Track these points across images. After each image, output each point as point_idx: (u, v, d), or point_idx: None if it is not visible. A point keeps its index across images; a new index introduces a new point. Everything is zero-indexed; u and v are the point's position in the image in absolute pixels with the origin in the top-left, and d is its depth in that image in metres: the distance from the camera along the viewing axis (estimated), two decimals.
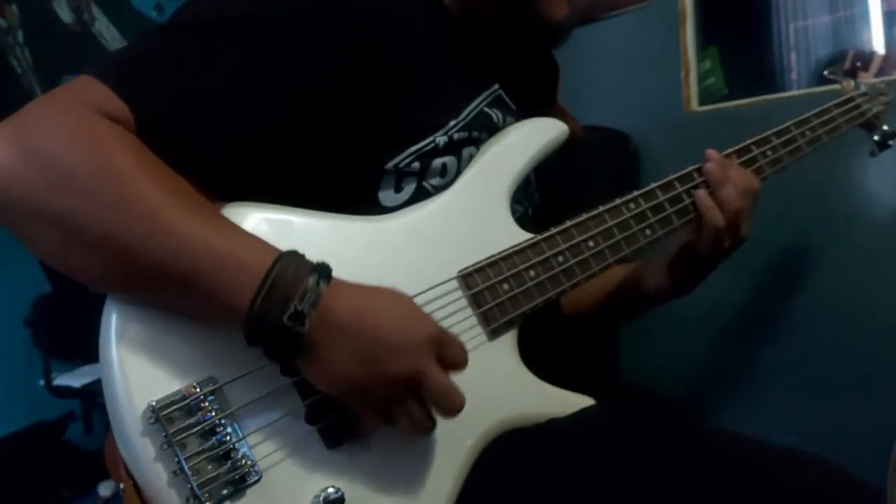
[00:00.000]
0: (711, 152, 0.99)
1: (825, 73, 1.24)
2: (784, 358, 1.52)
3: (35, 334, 2.84)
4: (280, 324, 0.65)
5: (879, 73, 1.40)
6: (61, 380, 2.75)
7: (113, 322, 0.70)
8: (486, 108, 0.93)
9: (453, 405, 0.72)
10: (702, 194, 0.97)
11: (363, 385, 0.69)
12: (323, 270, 0.68)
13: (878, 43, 1.44)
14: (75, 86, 0.73)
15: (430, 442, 0.78)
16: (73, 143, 0.67)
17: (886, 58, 1.42)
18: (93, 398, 2.74)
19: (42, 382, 2.75)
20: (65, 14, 2.94)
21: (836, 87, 1.22)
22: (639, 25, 1.73)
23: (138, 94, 0.72)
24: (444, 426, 0.78)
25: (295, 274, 0.66)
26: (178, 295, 0.69)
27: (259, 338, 0.67)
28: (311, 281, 0.66)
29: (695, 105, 1.66)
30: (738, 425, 0.85)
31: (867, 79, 1.24)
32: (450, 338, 0.74)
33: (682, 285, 1.06)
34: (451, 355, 0.73)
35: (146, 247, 0.66)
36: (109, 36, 3.03)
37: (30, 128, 0.68)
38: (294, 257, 0.68)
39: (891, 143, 1.21)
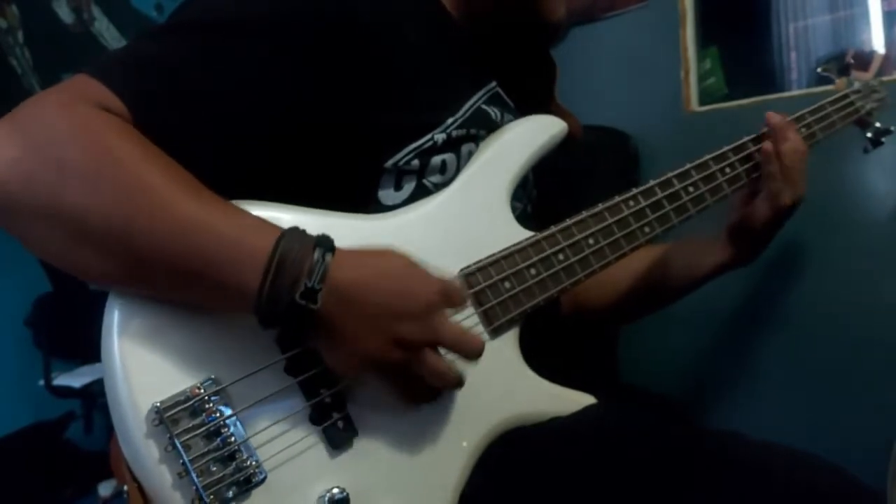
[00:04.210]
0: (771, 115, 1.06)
1: (819, 70, 1.25)
2: (783, 357, 1.52)
3: (35, 334, 2.83)
4: (293, 302, 0.65)
5: (879, 73, 1.40)
6: (61, 380, 2.74)
7: (115, 323, 0.69)
8: (483, 106, 0.93)
9: (473, 347, 0.74)
10: (768, 146, 1.04)
11: (380, 353, 0.70)
12: (326, 243, 0.68)
13: (878, 43, 1.44)
14: (72, 83, 0.72)
15: (434, 441, 0.79)
16: (72, 136, 0.67)
17: (886, 57, 1.42)
18: (93, 398, 2.74)
19: (42, 382, 2.74)
20: (65, 14, 2.93)
21: (829, 86, 1.22)
22: (639, 25, 1.73)
23: (134, 92, 0.72)
24: (447, 425, 0.79)
25: (300, 249, 0.67)
26: (185, 282, 0.69)
27: (272, 318, 0.67)
28: (317, 255, 0.67)
29: (695, 105, 1.66)
30: (737, 425, 0.85)
31: (861, 76, 1.24)
32: (451, 286, 0.75)
33: (746, 254, 1.10)
34: (456, 301, 0.75)
35: (151, 234, 0.66)
36: (109, 36, 3.02)
37: (28, 123, 0.68)
38: (296, 233, 0.69)
39: (884, 140, 1.22)
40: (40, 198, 0.66)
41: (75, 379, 2.71)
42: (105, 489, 2.47)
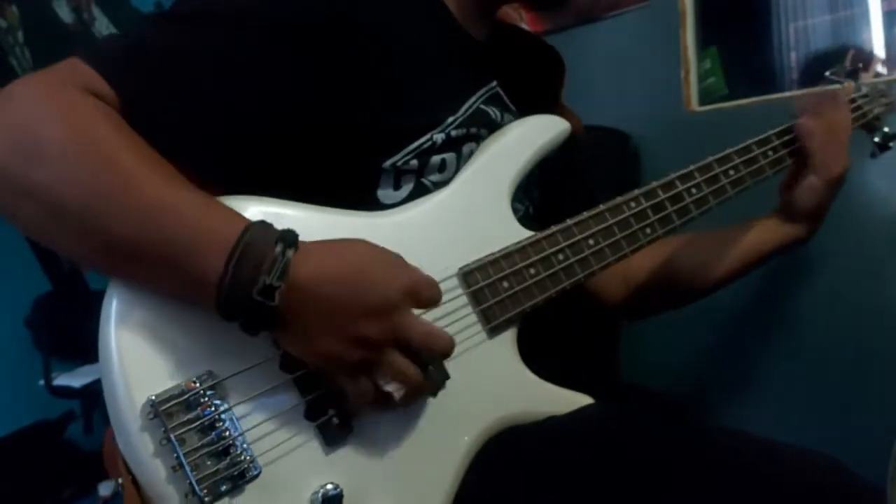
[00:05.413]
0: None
1: (827, 73, 1.24)
2: (784, 357, 1.52)
3: (35, 334, 2.82)
4: (250, 298, 0.65)
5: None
6: (61, 380, 2.74)
7: (112, 315, 0.69)
8: (482, 105, 0.93)
9: (441, 345, 0.72)
10: (802, 123, 1.07)
11: (339, 351, 0.69)
12: (289, 238, 0.67)
13: (878, 43, 1.43)
14: (63, 66, 0.73)
15: (429, 439, 0.78)
16: (51, 116, 0.68)
17: (887, 57, 1.42)
18: (93, 398, 2.73)
19: (42, 382, 2.74)
20: (65, 14, 2.93)
21: (835, 87, 1.22)
22: (639, 25, 1.73)
23: (124, 78, 0.73)
24: (442, 423, 0.79)
25: (262, 244, 0.66)
26: (151, 269, 0.68)
27: (232, 311, 0.67)
28: (278, 250, 0.66)
29: (695, 105, 1.66)
30: (738, 424, 0.84)
31: (868, 80, 1.23)
32: (422, 281, 0.73)
33: (803, 231, 1.12)
34: (426, 298, 0.73)
35: (119, 214, 0.66)
36: None
37: (10, 102, 0.69)
38: (261, 226, 0.68)
39: (891, 144, 1.20)
40: (18, 175, 0.67)
41: (75, 379, 2.71)
42: (105, 489, 2.47)
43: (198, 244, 0.66)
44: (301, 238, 0.69)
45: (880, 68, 1.40)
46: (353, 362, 0.70)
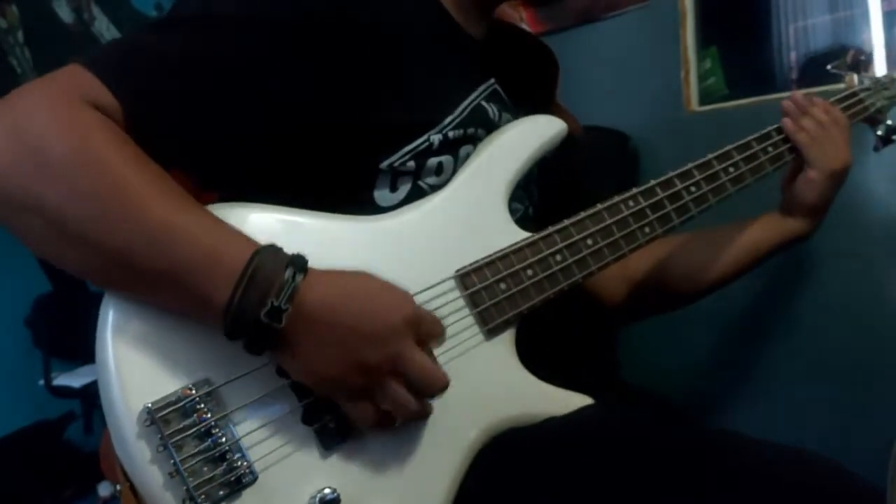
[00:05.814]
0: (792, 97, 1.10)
1: (829, 67, 1.22)
2: (784, 357, 1.52)
3: (35, 334, 2.84)
4: (258, 320, 0.65)
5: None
6: (61, 380, 2.76)
7: (109, 323, 0.69)
8: (482, 102, 0.93)
9: (436, 383, 0.73)
10: (787, 121, 1.07)
11: (340, 376, 0.69)
12: (298, 263, 0.68)
13: (878, 43, 1.43)
14: (65, 73, 0.72)
15: (427, 442, 0.78)
16: (56, 134, 0.67)
17: (887, 57, 1.42)
18: (93, 398, 2.72)
19: (42, 382, 2.75)
20: (65, 14, 2.94)
21: (835, 86, 1.21)
22: (639, 25, 1.73)
23: (127, 86, 0.72)
24: (441, 426, 0.79)
25: (272, 268, 0.66)
26: (157, 288, 0.68)
27: (238, 332, 0.67)
28: (287, 274, 0.66)
29: (695, 105, 1.65)
30: (738, 425, 0.84)
31: (870, 73, 1.22)
32: (425, 315, 0.74)
33: (804, 226, 1.12)
34: (427, 331, 0.74)
35: (124, 235, 0.66)
36: (109, 36, 3.02)
37: (12, 113, 0.68)
38: (271, 251, 0.68)
39: (894, 137, 1.20)
40: (19, 191, 0.66)
41: (75, 379, 2.72)
42: (105, 489, 2.48)
43: (206, 266, 0.67)
44: (300, 243, 0.70)
45: (879, 70, 1.39)
46: (354, 388, 0.70)
